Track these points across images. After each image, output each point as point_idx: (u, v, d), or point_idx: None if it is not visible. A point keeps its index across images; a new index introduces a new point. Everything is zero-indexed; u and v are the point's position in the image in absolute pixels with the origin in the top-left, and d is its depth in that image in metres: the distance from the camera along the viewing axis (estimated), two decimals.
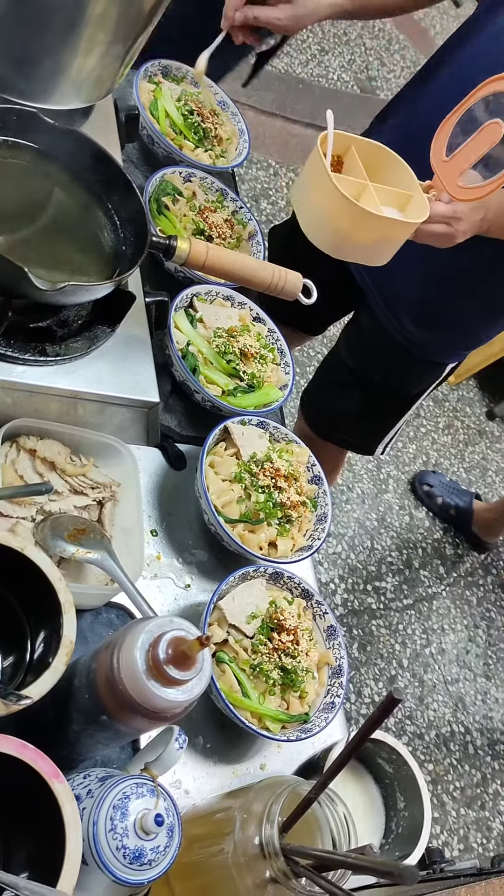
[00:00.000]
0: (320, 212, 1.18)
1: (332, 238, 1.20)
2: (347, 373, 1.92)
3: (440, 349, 1.79)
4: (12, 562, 0.93)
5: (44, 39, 1.11)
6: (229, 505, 1.27)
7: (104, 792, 0.89)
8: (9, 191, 1.16)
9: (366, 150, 1.26)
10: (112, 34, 1.14)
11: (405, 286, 1.69)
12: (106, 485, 1.18)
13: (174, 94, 1.66)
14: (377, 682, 2.76)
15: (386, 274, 1.66)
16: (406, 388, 1.89)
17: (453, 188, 1.22)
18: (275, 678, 1.16)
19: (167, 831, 0.88)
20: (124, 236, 1.20)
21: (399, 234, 1.21)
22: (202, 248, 1.16)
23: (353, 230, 1.18)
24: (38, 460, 1.15)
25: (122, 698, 0.86)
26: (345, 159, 1.26)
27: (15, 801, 0.88)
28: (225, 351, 1.39)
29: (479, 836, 2.69)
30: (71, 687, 0.94)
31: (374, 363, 1.87)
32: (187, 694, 0.86)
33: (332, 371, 2.02)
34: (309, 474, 1.39)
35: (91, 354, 1.16)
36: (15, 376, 1.09)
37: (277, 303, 1.46)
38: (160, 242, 1.14)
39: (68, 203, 1.20)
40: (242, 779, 1.16)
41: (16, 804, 0.89)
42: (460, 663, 2.97)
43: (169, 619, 0.89)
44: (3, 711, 0.85)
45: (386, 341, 1.78)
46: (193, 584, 1.27)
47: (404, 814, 1.17)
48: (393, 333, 1.76)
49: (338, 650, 1.25)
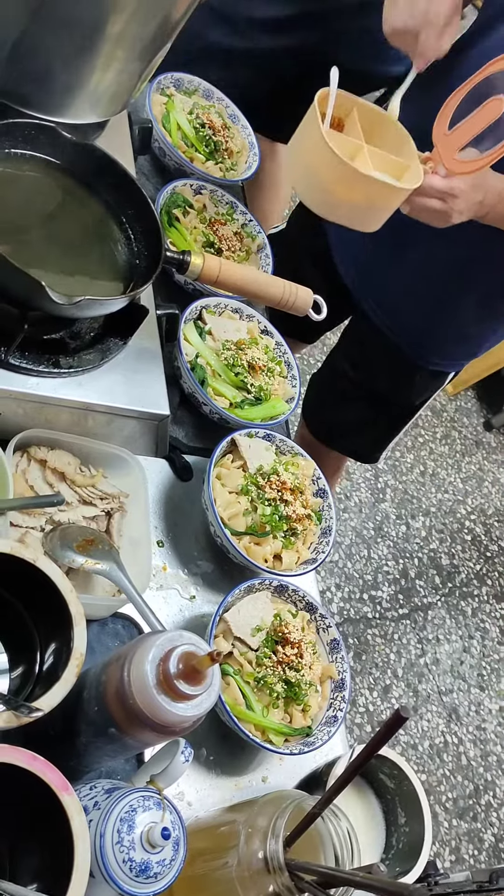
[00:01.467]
0: (311, 168, 1.16)
1: (320, 196, 1.18)
2: (348, 382, 1.92)
3: (437, 354, 1.76)
4: (23, 572, 0.94)
5: (63, 55, 1.12)
6: (235, 517, 1.28)
7: (111, 804, 0.90)
8: (26, 204, 1.17)
9: (368, 115, 1.24)
10: (130, 51, 1.15)
11: (398, 287, 1.67)
12: (114, 496, 1.19)
13: (186, 106, 1.67)
14: (372, 691, 2.77)
15: (377, 275, 1.66)
16: (407, 397, 1.88)
17: (450, 161, 1.21)
18: (279, 691, 1.17)
19: (173, 844, 0.89)
20: (138, 250, 1.21)
21: (389, 199, 1.19)
22: (215, 263, 1.17)
23: (341, 189, 1.15)
24: (49, 470, 1.15)
25: (132, 712, 0.87)
26: (345, 122, 1.24)
27: (23, 812, 0.89)
28: (233, 363, 1.40)
29: (471, 847, 2.70)
30: (80, 699, 0.95)
31: (375, 372, 1.86)
32: (197, 709, 0.87)
33: (332, 380, 2.02)
34: (314, 487, 1.40)
35: (103, 367, 1.17)
36: (28, 388, 1.10)
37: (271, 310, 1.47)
38: (174, 257, 1.15)
39: (83, 217, 1.21)
40: (245, 791, 1.17)
41: (24, 815, 0.89)
42: (455, 674, 2.98)
43: (179, 634, 0.90)
44: (14, 723, 0.85)
45: (384, 348, 1.76)
46: (198, 596, 1.28)
47: (405, 829, 1.18)
48: (390, 337, 1.74)
49: (340, 664, 1.26)
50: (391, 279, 1.66)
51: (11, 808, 0.89)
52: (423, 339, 1.73)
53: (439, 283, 1.61)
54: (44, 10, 1.08)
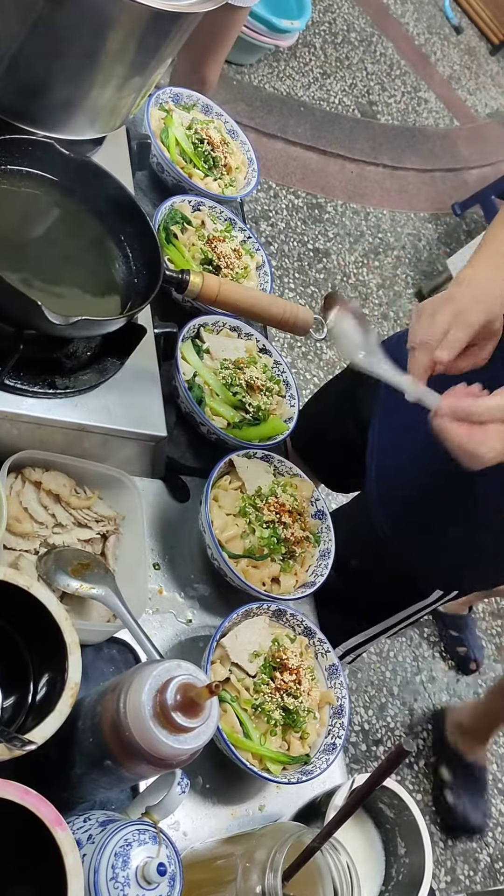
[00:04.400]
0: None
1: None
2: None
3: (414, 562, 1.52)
4: (17, 598, 0.92)
5: (61, 71, 1.10)
6: (233, 540, 1.26)
7: (105, 838, 0.87)
8: (22, 221, 1.15)
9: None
10: (129, 68, 1.13)
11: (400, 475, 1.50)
12: (110, 518, 1.17)
13: (184, 121, 1.66)
14: (367, 709, 2.74)
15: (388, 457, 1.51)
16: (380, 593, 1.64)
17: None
18: (277, 718, 1.15)
19: (169, 881, 0.87)
20: (137, 269, 1.19)
21: None
22: (214, 282, 1.15)
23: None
24: (43, 492, 1.13)
25: (128, 744, 0.85)
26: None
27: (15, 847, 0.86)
28: (231, 383, 1.38)
29: (467, 868, 2.67)
30: (74, 729, 0.92)
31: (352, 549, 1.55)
32: (194, 741, 0.85)
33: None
34: (312, 509, 1.38)
35: (100, 387, 1.15)
36: (23, 409, 1.08)
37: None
38: (173, 276, 1.13)
39: (81, 234, 1.19)
40: (241, 820, 1.15)
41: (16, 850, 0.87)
42: (450, 692, 2.96)
43: (176, 663, 0.88)
44: (7, 756, 0.83)
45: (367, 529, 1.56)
46: (195, 619, 1.25)
47: (405, 860, 1.16)
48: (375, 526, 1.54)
49: (339, 689, 1.24)
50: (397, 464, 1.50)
51: (3, 843, 0.86)
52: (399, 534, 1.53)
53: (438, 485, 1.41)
54: (42, 26, 1.07)
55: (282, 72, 4.13)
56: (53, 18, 1.06)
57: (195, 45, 2.23)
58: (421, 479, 1.43)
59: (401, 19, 5.09)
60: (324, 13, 4.58)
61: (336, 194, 3.93)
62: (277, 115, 3.94)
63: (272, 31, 3.66)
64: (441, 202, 4.35)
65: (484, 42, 5.57)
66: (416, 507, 1.48)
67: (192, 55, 2.29)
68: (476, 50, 5.47)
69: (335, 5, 4.68)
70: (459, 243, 4.27)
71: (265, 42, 3.72)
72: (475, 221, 4.42)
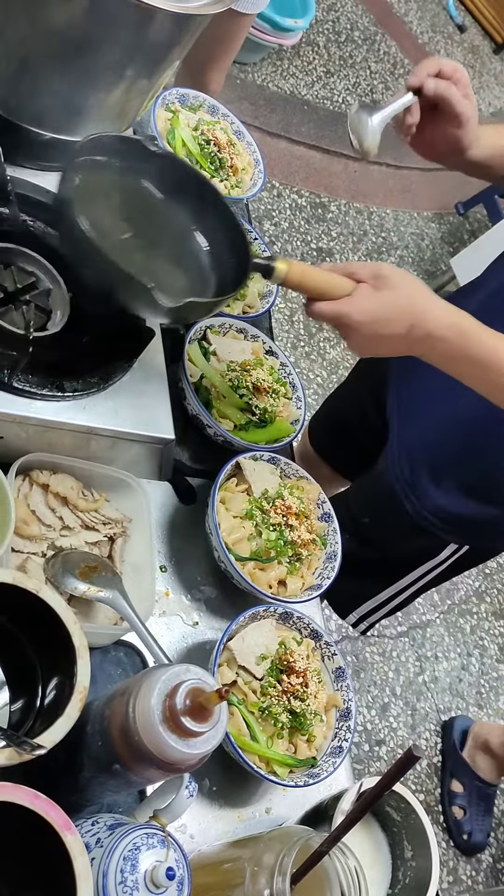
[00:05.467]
0: None
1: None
2: (346, 510, 1.63)
3: (433, 512, 1.55)
4: (25, 602, 0.92)
5: (69, 73, 1.10)
6: (240, 542, 1.26)
7: (114, 842, 0.87)
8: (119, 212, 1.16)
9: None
10: (137, 70, 1.13)
11: (424, 430, 1.54)
12: (117, 521, 1.17)
13: (191, 122, 1.66)
14: (370, 709, 2.74)
15: (412, 412, 1.56)
16: (392, 551, 1.67)
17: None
18: (283, 721, 1.15)
19: (177, 885, 0.87)
20: (225, 258, 1.20)
21: None
22: (298, 268, 1.13)
23: None
24: (51, 495, 1.13)
25: (137, 748, 0.85)
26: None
27: (24, 851, 0.86)
28: (238, 385, 1.38)
29: (469, 868, 2.67)
30: (83, 733, 0.92)
31: (366, 506, 1.67)
32: (203, 746, 0.85)
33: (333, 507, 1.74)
34: (319, 511, 1.38)
35: (107, 390, 1.15)
36: (31, 411, 1.08)
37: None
38: (260, 263, 1.13)
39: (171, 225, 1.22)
40: (248, 823, 1.15)
41: (25, 854, 0.87)
42: (453, 692, 2.96)
43: (185, 668, 0.88)
44: (16, 760, 0.83)
45: (383, 484, 1.60)
46: (202, 622, 1.25)
47: (412, 864, 1.16)
48: (392, 482, 1.57)
49: (346, 692, 1.24)
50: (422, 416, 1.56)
51: (12, 846, 0.86)
52: (426, 485, 1.56)
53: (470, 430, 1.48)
54: (50, 27, 1.07)
55: (285, 70, 4.13)
56: (61, 20, 1.06)
57: (199, 52, 2.22)
58: (442, 425, 1.49)
59: (404, 18, 5.09)
60: (327, 12, 4.57)
61: (339, 193, 3.93)
62: (281, 113, 3.93)
63: (276, 29, 3.65)
64: (444, 201, 4.35)
65: (488, 41, 5.55)
66: (436, 452, 1.51)
67: (196, 62, 2.28)
68: (480, 49, 5.46)
69: (339, 4, 4.67)
70: (463, 243, 4.27)
71: (269, 41, 3.71)
72: (478, 221, 4.42)
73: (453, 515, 1.53)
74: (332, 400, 2.01)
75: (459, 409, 1.45)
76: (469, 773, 2.65)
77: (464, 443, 1.49)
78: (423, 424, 1.55)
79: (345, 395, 1.94)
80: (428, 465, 1.53)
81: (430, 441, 1.53)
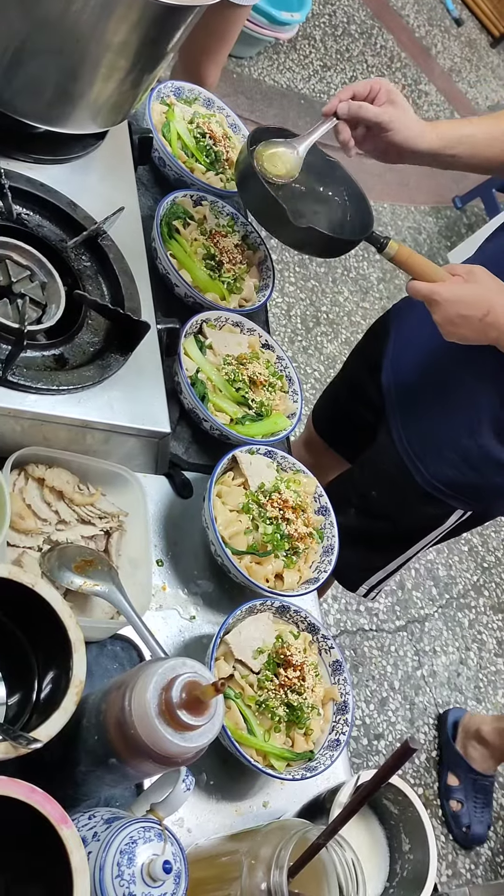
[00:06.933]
0: None
1: None
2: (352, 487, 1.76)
3: (437, 477, 1.60)
4: (21, 596, 0.92)
5: (64, 66, 1.10)
6: (236, 536, 1.26)
7: (111, 836, 0.87)
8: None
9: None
10: (131, 62, 1.13)
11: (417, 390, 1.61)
12: (113, 515, 1.17)
13: (186, 116, 1.65)
14: (368, 703, 2.75)
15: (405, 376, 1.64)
16: (402, 521, 1.72)
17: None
18: (280, 715, 1.15)
19: (174, 878, 0.86)
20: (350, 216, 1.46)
21: None
22: (405, 251, 1.33)
23: None
24: (47, 489, 1.13)
25: (134, 742, 0.85)
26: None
27: (20, 845, 0.86)
28: (234, 379, 1.38)
29: (468, 861, 2.68)
30: (79, 727, 0.92)
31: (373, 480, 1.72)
32: (200, 740, 0.85)
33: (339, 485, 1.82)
34: (316, 505, 1.37)
35: (103, 383, 1.15)
36: (26, 405, 1.08)
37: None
38: (379, 236, 1.33)
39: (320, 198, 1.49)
40: (245, 817, 1.15)
41: (21, 848, 0.87)
42: (451, 686, 2.96)
43: (182, 661, 0.88)
44: (12, 754, 0.83)
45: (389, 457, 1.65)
46: (198, 616, 1.25)
47: (409, 857, 1.16)
48: (399, 451, 1.63)
49: (343, 686, 1.23)
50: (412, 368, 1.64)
51: (8, 840, 0.86)
52: (421, 448, 1.63)
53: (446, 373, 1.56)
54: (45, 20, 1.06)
55: (282, 64, 4.12)
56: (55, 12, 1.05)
57: (195, 45, 2.22)
58: (433, 376, 1.59)
59: (401, 11, 5.08)
60: (324, 5, 4.56)
61: None
62: (277, 107, 3.92)
63: (272, 23, 3.64)
64: (441, 195, 4.34)
65: (485, 34, 5.55)
66: (429, 404, 1.61)
67: (192, 55, 2.28)
68: (477, 42, 5.45)
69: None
70: (460, 237, 4.26)
71: (265, 34, 3.70)
72: (476, 215, 4.41)
73: (458, 484, 1.60)
74: (331, 386, 2.05)
75: (444, 361, 1.56)
76: (463, 766, 2.65)
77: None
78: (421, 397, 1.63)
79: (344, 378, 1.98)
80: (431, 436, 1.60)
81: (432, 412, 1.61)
